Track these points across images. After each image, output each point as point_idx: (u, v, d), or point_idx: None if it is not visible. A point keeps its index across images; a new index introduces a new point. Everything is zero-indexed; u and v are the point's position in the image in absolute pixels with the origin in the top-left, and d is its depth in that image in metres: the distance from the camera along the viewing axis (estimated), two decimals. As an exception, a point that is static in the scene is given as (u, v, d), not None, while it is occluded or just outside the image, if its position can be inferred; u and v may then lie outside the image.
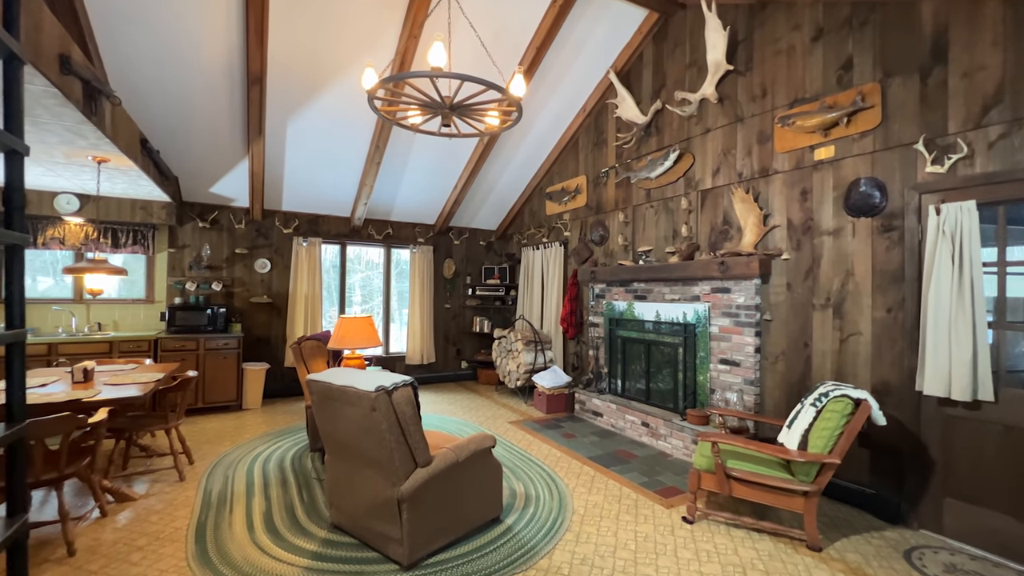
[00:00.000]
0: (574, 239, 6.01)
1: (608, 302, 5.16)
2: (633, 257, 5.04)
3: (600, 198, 5.55)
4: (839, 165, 3.26)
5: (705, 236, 4.25)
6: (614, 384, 5.08)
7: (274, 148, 5.12)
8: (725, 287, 3.92)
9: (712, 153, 4.18)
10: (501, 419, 5.20)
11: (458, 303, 7.40)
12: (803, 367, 3.45)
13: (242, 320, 5.82)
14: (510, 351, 6.15)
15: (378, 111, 3.15)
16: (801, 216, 3.49)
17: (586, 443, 4.38)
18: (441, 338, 7.24)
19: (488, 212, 7.24)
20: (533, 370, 5.88)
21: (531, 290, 6.77)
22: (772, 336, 3.66)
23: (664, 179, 4.62)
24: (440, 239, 7.26)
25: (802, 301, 3.47)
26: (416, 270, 6.89)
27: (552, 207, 6.41)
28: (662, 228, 4.71)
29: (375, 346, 3.53)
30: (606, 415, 4.90)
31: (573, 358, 5.92)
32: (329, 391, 2.49)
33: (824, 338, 3.32)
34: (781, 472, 2.73)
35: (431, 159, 5.81)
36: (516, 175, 6.54)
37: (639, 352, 4.79)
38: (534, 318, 6.62)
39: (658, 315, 4.53)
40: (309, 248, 6.16)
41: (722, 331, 3.94)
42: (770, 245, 3.70)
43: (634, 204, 5.03)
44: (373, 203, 6.37)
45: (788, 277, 3.56)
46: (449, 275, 7.29)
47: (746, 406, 3.72)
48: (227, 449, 4.10)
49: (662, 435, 4.22)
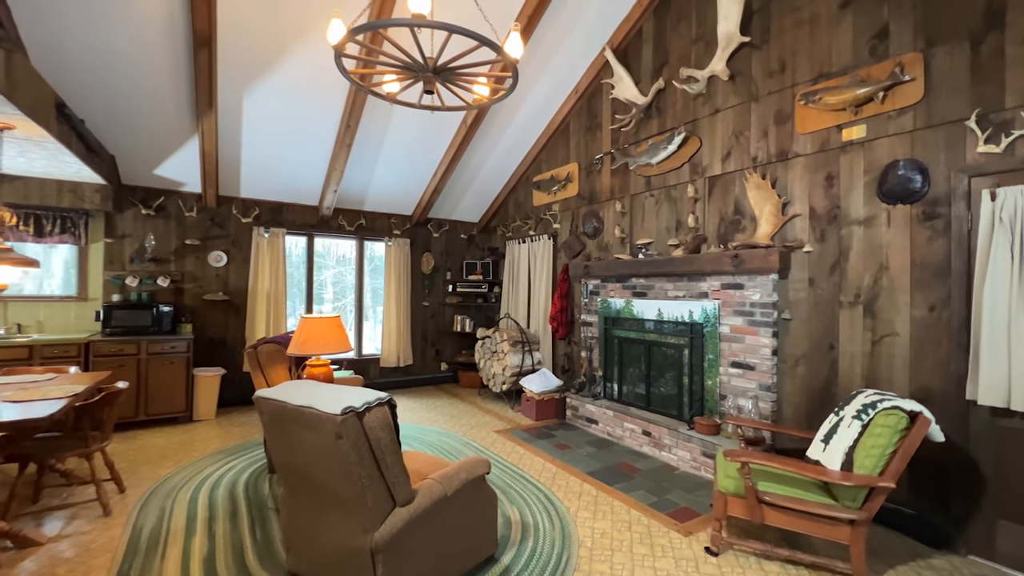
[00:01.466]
0: (564, 232, 5.58)
1: (603, 299, 4.76)
2: (631, 251, 4.65)
3: (593, 187, 5.14)
4: (872, 146, 2.92)
5: (713, 227, 3.88)
6: (610, 388, 4.68)
7: (228, 125, 4.50)
8: (738, 283, 3.56)
9: (722, 136, 3.81)
10: (486, 428, 4.74)
11: (437, 300, 6.89)
12: (828, 371, 3.11)
13: (193, 320, 5.17)
14: (495, 352, 5.69)
15: (347, 74, 2.63)
16: (826, 204, 3.14)
17: (582, 455, 3.96)
18: (419, 338, 6.72)
19: (470, 203, 6.74)
20: (520, 373, 5.43)
21: (517, 287, 6.32)
22: (791, 337, 3.31)
23: (667, 165, 4.23)
24: (418, 232, 6.72)
25: (827, 298, 3.12)
26: (392, 265, 6.34)
27: (540, 197, 5.96)
28: (664, 219, 4.32)
29: (344, 351, 3.02)
30: (602, 422, 4.50)
31: (563, 360, 5.50)
32: (283, 412, 1.98)
33: (853, 339, 2.99)
34: (822, 496, 2.36)
35: (409, 142, 5.28)
36: (501, 163, 6.07)
37: (638, 354, 4.40)
38: (520, 317, 6.18)
39: (660, 313, 4.14)
40: (271, 240, 5.54)
41: (734, 331, 3.58)
42: (789, 237, 3.34)
43: (632, 193, 4.63)
44: (344, 191, 5.79)
45: (811, 272, 3.21)
46: (428, 270, 6.77)
47: (761, 414, 3.37)
48: (169, 472, 3.50)
49: (666, 445, 3.84)
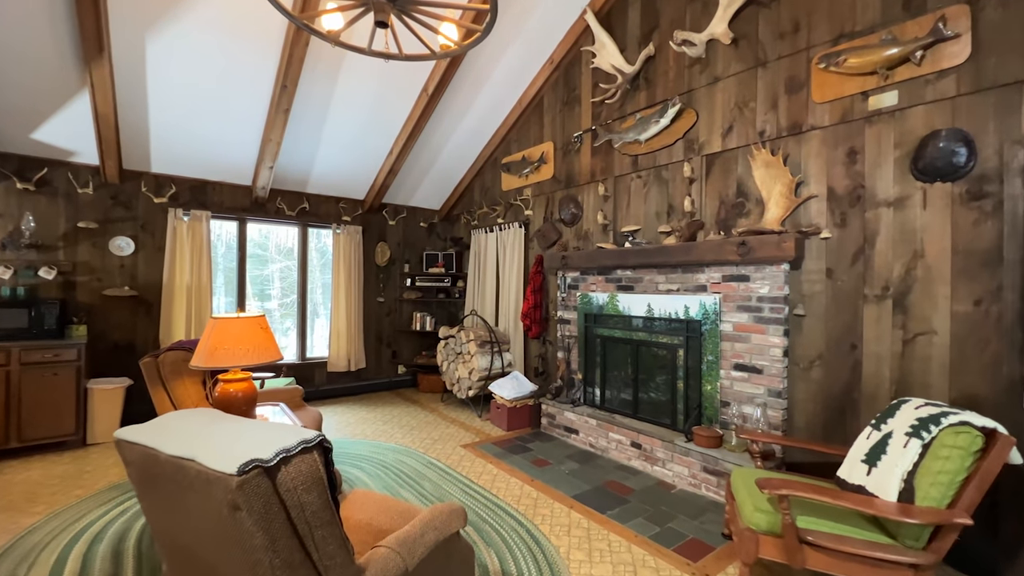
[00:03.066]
0: (538, 219, 5.03)
1: (583, 294, 4.24)
2: (615, 239, 4.15)
3: (571, 168, 4.60)
4: (905, 116, 2.53)
5: (712, 212, 3.43)
6: (591, 394, 4.18)
7: (129, 78, 3.62)
8: (742, 274, 3.13)
9: (723, 108, 3.36)
10: (451, 441, 4.12)
11: (394, 296, 6.17)
12: (849, 375, 2.72)
13: (90, 320, 4.23)
14: (460, 354, 5.07)
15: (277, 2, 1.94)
16: (848, 183, 2.74)
17: (564, 473, 3.43)
18: (372, 338, 5.98)
19: (431, 187, 6.06)
20: (489, 377, 4.85)
21: (483, 280, 5.71)
22: (805, 335, 2.91)
23: (657, 142, 3.75)
24: (371, 218, 5.97)
25: (848, 291, 2.73)
26: (341, 255, 5.57)
27: (510, 181, 5.38)
28: (653, 203, 3.85)
29: (270, 359, 2.32)
30: (583, 432, 3.99)
31: (538, 361, 4.96)
32: (155, 465, 1.30)
33: (880, 338, 2.60)
34: (875, 532, 1.92)
35: (359, 113, 4.54)
36: (465, 142, 5.43)
37: (624, 354, 3.92)
38: (487, 314, 5.58)
39: (650, 309, 3.67)
40: (192, 224, 4.65)
41: (737, 329, 3.15)
42: (803, 221, 2.94)
43: (616, 174, 4.13)
44: (283, 168, 4.97)
45: (828, 261, 2.81)
46: (383, 262, 6.03)
47: (770, 423, 2.95)
48: (36, 520, 2.67)
49: (659, 459, 3.38)
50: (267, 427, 1.34)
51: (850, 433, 2.71)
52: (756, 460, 2.58)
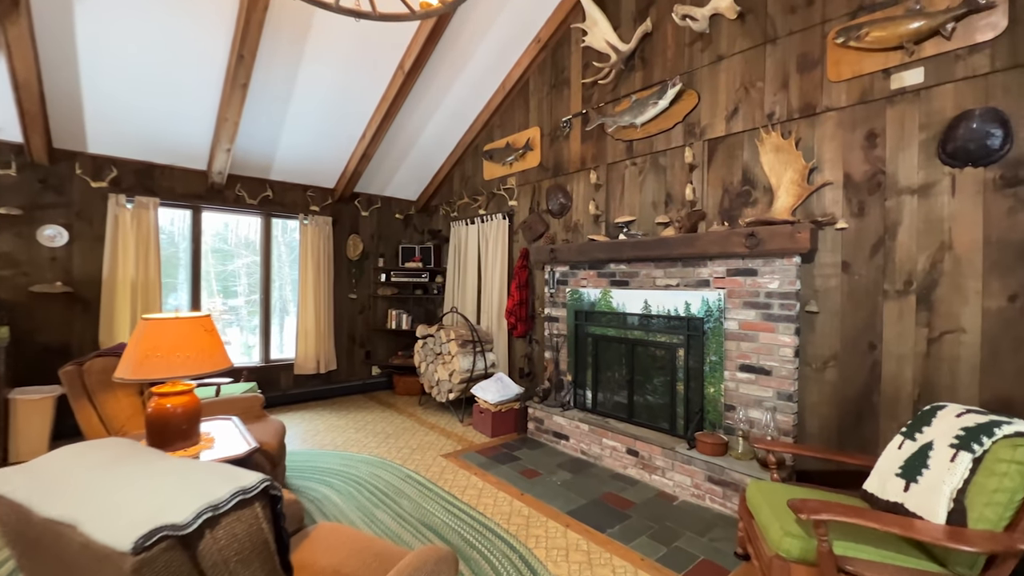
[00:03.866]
0: (523, 210, 4.72)
1: (573, 290, 3.96)
2: (607, 231, 3.88)
3: (560, 156, 4.31)
4: (932, 95, 2.33)
5: (714, 201, 3.19)
6: (582, 396, 3.91)
7: (53, 38, 3.12)
8: (749, 268, 2.89)
9: (727, 89, 3.11)
10: (431, 450, 3.78)
11: (367, 292, 5.76)
12: (867, 377, 2.52)
13: (12, 320, 3.69)
14: (439, 355, 4.72)
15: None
16: (866, 169, 2.53)
17: (557, 485, 3.15)
18: (344, 338, 5.56)
19: (407, 176, 5.67)
20: (471, 379, 4.52)
21: (464, 275, 5.37)
22: (818, 334, 2.69)
23: (654, 126, 3.49)
24: (342, 208, 5.54)
25: (867, 286, 2.52)
26: (309, 248, 5.13)
27: (492, 169, 5.04)
28: (650, 192, 3.59)
29: (217, 367, 1.94)
30: (574, 438, 3.72)
31: (523, 362, 4.66)
32: (28, 528, 0.93)
33: (902, 337, 2.40)
34: (921, 559, 1.70)
35: (328, 91, 4.12)
36: (444, 127, 5.06)
37: (619, 355, 3.66)
38: (469, 311, 5.24)
39: (647, 306, 3.41)
40: (138, 212, 4.15)
41: (744, 327, 2.92)
42: (816, 211, 2.72)
43: (609, 161, 3.86)
44: (243, 152, 4.50)
45: (845, 253, 2.60)
46: (355, 256, 5.61)
47: (779, 429, 2.74)
48: (-72, 563, 2.21)
49: (658, 468, 3.13)
50: (192, 469, 0.99)
51: (867, 440, 2.51)
52: (772, 472, 2.34)
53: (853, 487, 2.53)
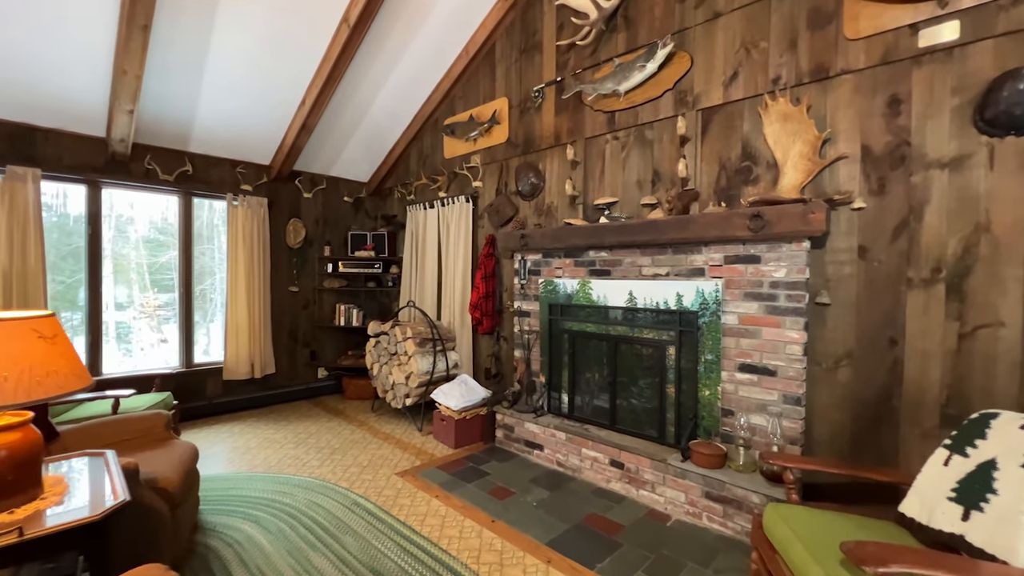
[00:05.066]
0: (489, 191, 4.22)
1: (547, 280, 3.52)
2: (586, 214, 3.46)
3: (531, 130, 3.83)
4: (967, 53, 2.02)
5: (709, 180, 2.82)
6: (557, 400, 3.48)
7: None
8: (751, 254, 2.54)
9: (725, 50, 2.74)
10: (385, 467, 3.25)
11: (311, 285, 5.09)
12: (887, 377, 2.22)
13: None
14: (394, 355, 4.17)
15: None
16: (889, 140, 2.21)
17: (532, 507, 2.71)
18: (284, 337, 4.89)
19: (357, 153, 5.03)
20: (431, 382, 4.00)
21: (423, 265, 4.82)
22: (830, 329, 2.38)
23: (640, 94, 3.08)
24: (281, 189, 4.84)
25: (887, 274, 2.22)
26: (240, 234, 4.42)
27: (454, 146, 4.51)
28: (634, 170, 3.18)
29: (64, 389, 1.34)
30: (549, 448, 3.29)
31: (490, 361, 4.19)
32: None
33: (928, 331, 2.11)
34: (999, 611, 1.37)
35: (255, 43, 3.45)
36: (399, 98, 4.47)
37: (599, 353, 3.25)
38: (428, 305, 4.71)
39: (632, 298, 3.02)
40: (11, 186, 3.34)
41: (744, 322, 2.57)
42: (828, 189, 2.39)
43: (588, 135, 3.42)
44: (152, 116, 3.75)
45: (862, 237, 2.29)
46: (296, 243, 4.93)
47: (786, 436, 2.41)
48: None
49: (647, 482, 2.75)
50: None
51: (886, 449, 2.22)
52: (790, 492, 1.99)
53: (871, 502, 2.23)
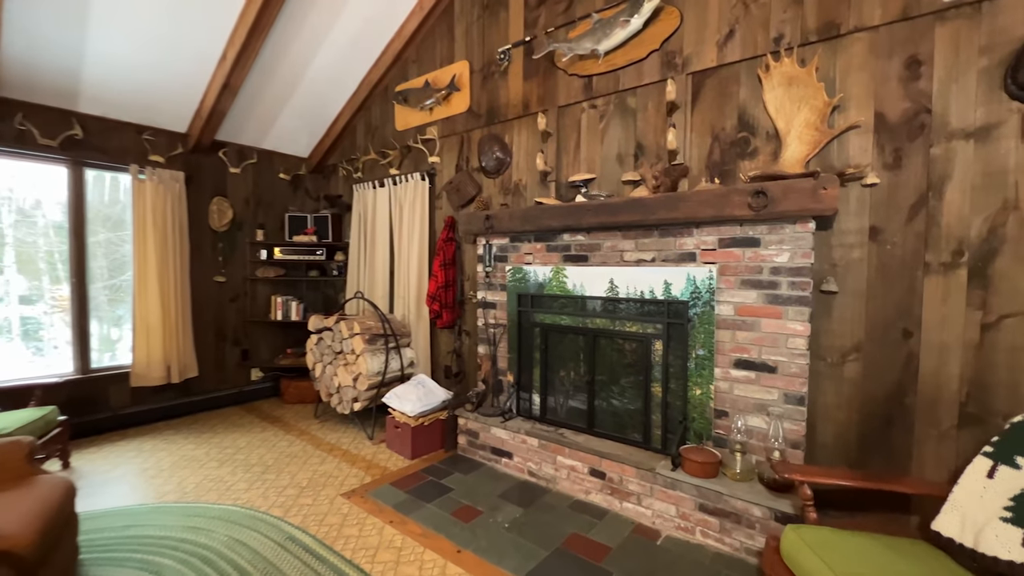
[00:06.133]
0: (448, 168, 3.75)
1: (515, 268, 3.13)
2: (559, 192, 3.08)
3: (495, 97, 3.40)
4: (999, 7, 1.79)
5: (701, 153, 2.51)
6: (527, 402, 3.12)
7: None
8: (750, 236, 2.26)
9: (720, 5, 2.41)
10: (329, 487, 2.78)
11: (242, 274, 4.44)
12: (899, 373, 2.00)
13: None
14: (340, 353, 3.65)
15: None
16: (906, 107, 1.97)
17: (504, 529, 2.34)
18: (209, 334, 4.23)
19: (294, 123, 4.39)
20: (383, 383, 3.53)
21: (372, 252, 4.29)
22: (837, 320, 2.14)
23: (621, 56, 2.72)
24: (202, 162, 4.13)
25: (902, 258, 1.99)
26: (149, 213, 3.71)
27: (407, 117, 3.99)
28: (614, 142, 2.83)
29: None
30: (519, 455, 2.93)
31: (450, 359, 3.75)
32: None
33: (947, 322, 1.90)
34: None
35: (157, -27, 2.79)
36: (342, 59, 3.89)
37: (575, 349, 2.91)
38: (379, 296, 4.20)
39: (613, 287, 2.69)
40: None
41: (741, 312, 2.29)
42: (837, 162, 2.13)
43: (561, 104, 3.03)
44: (22, 63, 2.99)
45: (874, 217, 2.04)
46: (222, 226, 4.26)
47: (788, 440, 2.16)
48: None
49: (632, 494, 2.45)
50: None
51: (897, 452, 2.01)
52: (808, 510, 1.72)
53: (875, 507, 2.02)
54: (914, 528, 1.97)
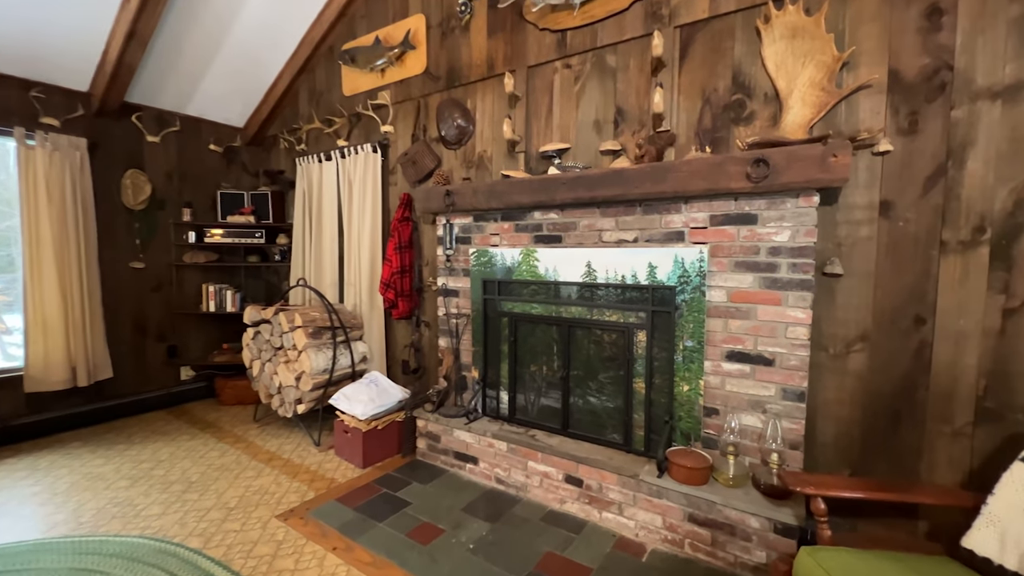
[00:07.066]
0: (403, 138, 3.33)
1: (480, 250, 2.77)
2: (528, 165, 2.73)
3: (456, 57, 2.99)
4: (1036, -56, 1.56)
5: (689, 119, 2.22)
6: (494, 400, 2.79)
7: None
8: (745, 213, 1.99)
9: (713, -55, 2.11)
10: (263, 507, 2.37)
11: (166, 259, 3.87)
12: (909, 364, 1.79)
13: None
14: (280, 349, 3.21)
15: None
16: (924, 63, 1.73)
17: (468, 551, 2.02)
18: (126, 329, 3.66)
19: (223, 86, 3.82)
20: (330, 382, 3.12)
21: (319, 234, 3.82)
22: (841, 306, 1.91)
23: (600, 6, 2.38)
24: (110, 128, 3.52)
25: (915, 236, 1.77)
26: (40, 185, 3.11)
27: (356, 80, 3.52)
28: (591, 107, 2.50)
29: None
30: (485, 460, 2.61)
31: (408, 353, 3.37)
32: None
33: (965, 307, 1.69)
34: None
35: None
36: (278, 13, 3.36)
37: (548, 341, 2.59)
38: (327, 283, 3.74)
39: (590, 270, 2.38)
40: None
41: (735, 298, 2.04)
42: (843, 127, 1.88)
43: (531, 63, 2.67)
44: None
45: (885, 189, 1.81)
46: (138, 203, 3.67)
47: (786, 440, 1.93)
48: None
49: (613, 503, 2.18)
50: None
51: (904, 452, 1.81)
52: (822, 528, 1.48)
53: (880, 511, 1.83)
54: (923, 536, 1.79)
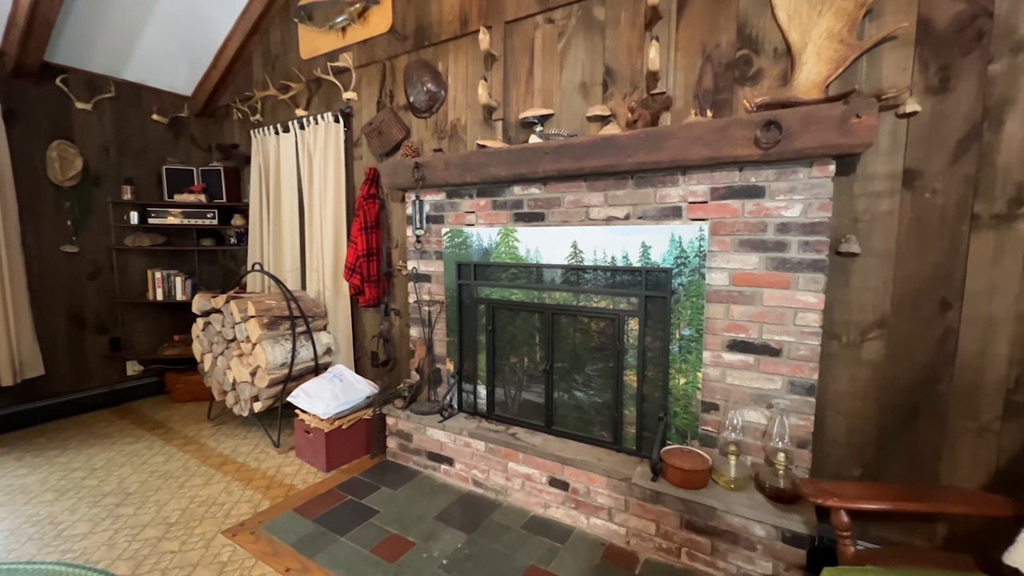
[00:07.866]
0: (368, 106, 3.00)
1: (454, 230, 2.49)
2: (507, 134, 2.45)
3: (425, 12, 2.66)
4: None
5: (688, 80, 1.97)
6: (471, 395, 2.55)
7: None
8: (752, 185, 1.77)
9: None
10: (208, 521, 2.09)
11: (105, 243, 3.48)
12: (932, 353, 1.61)
13: None
14: (233, 341, 2.89)
15: None
16: (960, 9, 1.51)
17: (440, 569, 1.79)
18: (60, 320, 3.28)
19: (164, 47, 3.40)
20: (289, 378, 2.83)
21: (278, 213, 3.47)
22: (856, 289, 1.71)
23: (587, -49, 2.09)
24: (29, 92, 3.09)
25: (943, 209, 1.57)
26: (-58, 157, 2.69)
27: (314, 40, 3.15)
28: (577, 68, 2.23)
29: None
30: (461, 461, 2.38)
31: (377, 344, 3.09)
32: None
33: (998, 289, 1.51)
34: None
35: None
36: (224, -44, 2.97)
37: (530, 330, 2.35)
38: (287, 269, 3.42)
39: (577, 252, 2.13)
40: None
41: (739, 281, 1.82)
42: (863, 86, 1.66)
43: (509, 18, 2.37)
44: None
45: (910, 157, 1.60)
46: (67, 179, 3.26)
47: (793, 438, 1.75)
48: None
49: (602, 508, 1.97)
50: None
51: (922, 449, 1.64)
52: (846, 544, 1.29)
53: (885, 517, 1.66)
54: (941, 542, 1.63)
